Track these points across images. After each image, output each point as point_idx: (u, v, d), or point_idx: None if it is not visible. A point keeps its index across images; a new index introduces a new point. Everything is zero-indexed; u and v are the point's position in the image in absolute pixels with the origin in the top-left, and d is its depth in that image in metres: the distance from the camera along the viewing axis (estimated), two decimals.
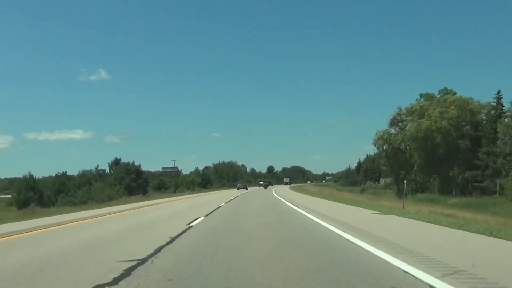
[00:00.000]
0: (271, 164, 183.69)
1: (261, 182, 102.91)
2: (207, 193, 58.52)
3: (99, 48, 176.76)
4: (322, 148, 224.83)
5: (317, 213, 16.35)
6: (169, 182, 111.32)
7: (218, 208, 22.11)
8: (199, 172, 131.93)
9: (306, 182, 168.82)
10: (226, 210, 21.08)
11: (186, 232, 10.08)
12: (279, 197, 34.49)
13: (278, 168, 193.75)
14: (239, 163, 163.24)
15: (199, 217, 14.73)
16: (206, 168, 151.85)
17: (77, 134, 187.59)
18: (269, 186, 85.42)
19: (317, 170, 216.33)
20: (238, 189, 69.25)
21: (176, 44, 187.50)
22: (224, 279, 4.93)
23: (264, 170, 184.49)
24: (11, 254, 7.53)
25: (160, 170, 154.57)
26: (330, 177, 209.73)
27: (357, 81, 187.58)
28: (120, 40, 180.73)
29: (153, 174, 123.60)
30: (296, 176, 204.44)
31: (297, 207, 20.96)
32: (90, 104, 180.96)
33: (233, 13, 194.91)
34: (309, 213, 16.14)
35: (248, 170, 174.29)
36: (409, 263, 5.61)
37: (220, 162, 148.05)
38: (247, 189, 69.75)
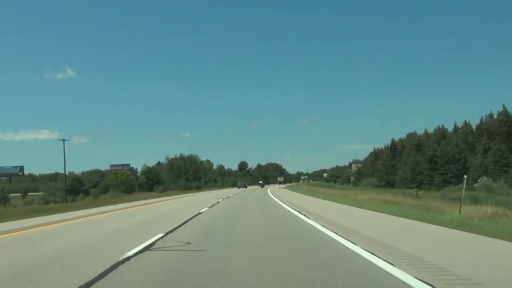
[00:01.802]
0: (243, 161, 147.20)
1: (260, 182, 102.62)
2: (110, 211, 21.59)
3: (66, 46, 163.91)
4: (293, 148, 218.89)
5: None
6: (90, 182, 73.09)
7: None
8: (146, 169, 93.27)
9: (299, 182, 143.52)
10: None
11: None
12: None
13: (252, 165, 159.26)
14: (202, 158, 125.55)
15: None
16: (159, 164, 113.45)
17: (43, 135, 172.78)
18: (266, 186, 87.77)
19: (290, 170, 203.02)
20: (238, 187, 76.33)
21: (145, 43, 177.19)
22: None
23: (235, 168, 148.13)
24: None
25: (109, 168, 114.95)
26: (306, 177, 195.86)
27: (328, 83, 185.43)
28: (88, 39, 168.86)
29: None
30: (273, 175, 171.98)
31: None
32: (56, 103, 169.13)
33: (201, 18, 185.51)
34: None
35: (215, 167, 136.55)
36: None
37: (177, 156, 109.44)
38: (246, 187, 77.69)
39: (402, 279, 4.71)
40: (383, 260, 5.79)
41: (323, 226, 10.40)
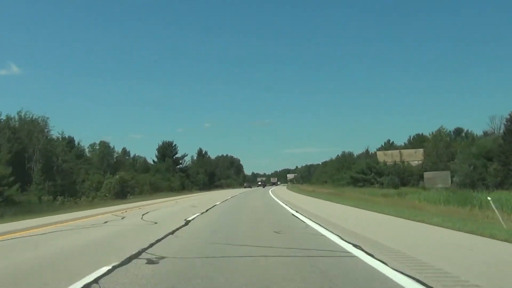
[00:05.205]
0: (168, 141, 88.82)
1: (260, 183, 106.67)
2: None
3: (8, 39, 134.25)
4: (246, 149, 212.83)
5: None
6: None
7: None
8: None
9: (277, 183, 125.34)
10: None
11: None
12: None
13: (186, 151, 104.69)
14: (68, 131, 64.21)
15: None
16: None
17: None
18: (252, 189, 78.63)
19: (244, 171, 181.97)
20: (245, 187, 79.59)
21: (97, 39, 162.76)
22: None
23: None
24: None
25: None
26: (264, 178, 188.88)
27: (280, 85, 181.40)
28: (34, 32, 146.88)
29: None
30: (227, 174, 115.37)
31: None
32: None
33: (157, 12, 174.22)
34: None
35: (132, 154, 75.57)
36: None
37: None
38: (251, 187, 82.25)
39: None
40: None
41: None
